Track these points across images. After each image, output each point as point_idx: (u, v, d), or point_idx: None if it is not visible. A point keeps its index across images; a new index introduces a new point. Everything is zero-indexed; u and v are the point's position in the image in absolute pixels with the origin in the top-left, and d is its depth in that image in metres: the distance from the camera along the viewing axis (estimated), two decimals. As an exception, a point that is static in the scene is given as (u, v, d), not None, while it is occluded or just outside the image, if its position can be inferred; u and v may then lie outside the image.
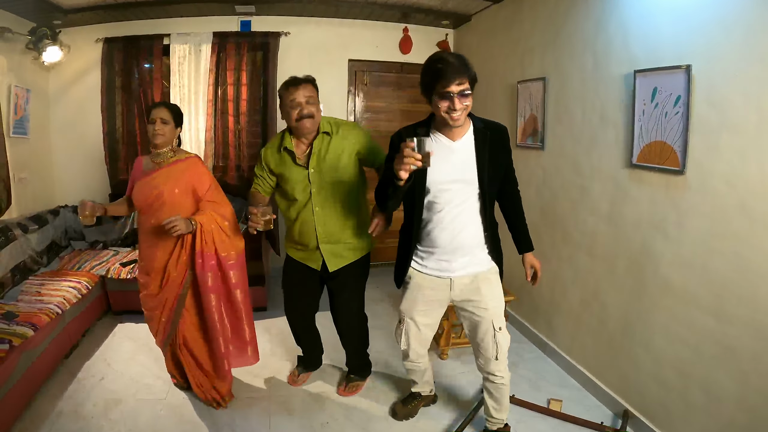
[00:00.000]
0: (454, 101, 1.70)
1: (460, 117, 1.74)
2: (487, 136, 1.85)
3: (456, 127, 1.79)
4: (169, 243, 2.32)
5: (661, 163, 2.12)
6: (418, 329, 2.11)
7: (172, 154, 2.37)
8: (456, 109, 1.71)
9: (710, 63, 1.88)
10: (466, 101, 1.72)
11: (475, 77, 1.75)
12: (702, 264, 1.97)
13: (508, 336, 2.03)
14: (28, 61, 3.51)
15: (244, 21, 3.95)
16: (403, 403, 2.46)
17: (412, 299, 2.05)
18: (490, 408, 2.19)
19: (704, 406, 1.97)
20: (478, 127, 1.87)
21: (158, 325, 2.44)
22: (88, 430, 2.30)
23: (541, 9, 3.04)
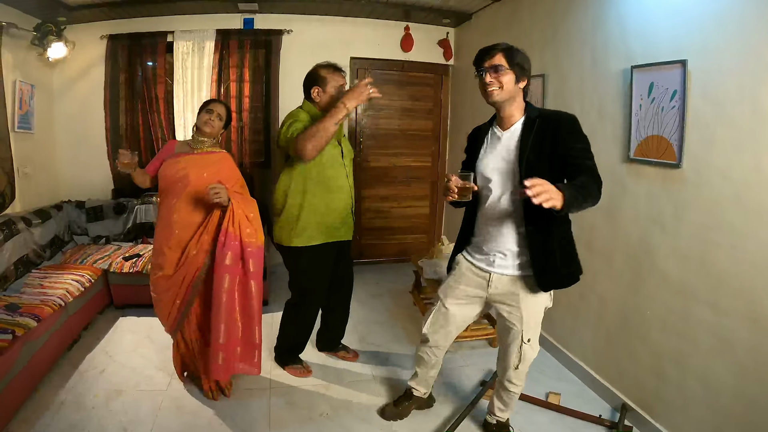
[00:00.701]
0: (485, 77, 1.75)
1: (492, 92, 1.75)
2: (535, 124, 1.77)
3: (494, 103, 1.80)
4: (193, 223, 2.39)
5: (658, 157, 2.15)
6: (446, 317, 2.07)
7: (210, 146, 2.50)
8: (486, 83, 1.75)
9: (706, 58, 1.91)
10: (500, 77, 1.73)
11: (516, 59, 1.74)
12: (699, 256, 1.99)
13: (536, 350, 1.99)
14: (32, 57, 3.54)
15: (247, 18, 4.00)
16: (395, 404, 2.39)
17: (452, 283, 2.05)
18: (495, 407, 2.20)
19: (702, 397, 1.99)
20: (530, 116, 1.81)
21: (170, 308, 2.44)
22: (90, 420, 2.31)
23: (540, 7, 3.08)
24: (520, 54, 1.77)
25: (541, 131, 1.75)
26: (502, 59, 1.73)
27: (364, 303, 3.74)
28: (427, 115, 4.64)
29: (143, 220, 3.89)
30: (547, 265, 1.82)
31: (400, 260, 4.77)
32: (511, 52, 1.74)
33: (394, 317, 3.59)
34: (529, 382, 2.62)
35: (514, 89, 1.76)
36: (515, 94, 1.78)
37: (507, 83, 1.74)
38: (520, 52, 1.77)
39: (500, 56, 1.73)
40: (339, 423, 2.35)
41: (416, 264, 3.51)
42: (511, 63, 1.73)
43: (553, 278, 1.85)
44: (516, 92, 1.78)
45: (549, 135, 1.74)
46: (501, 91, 1.75)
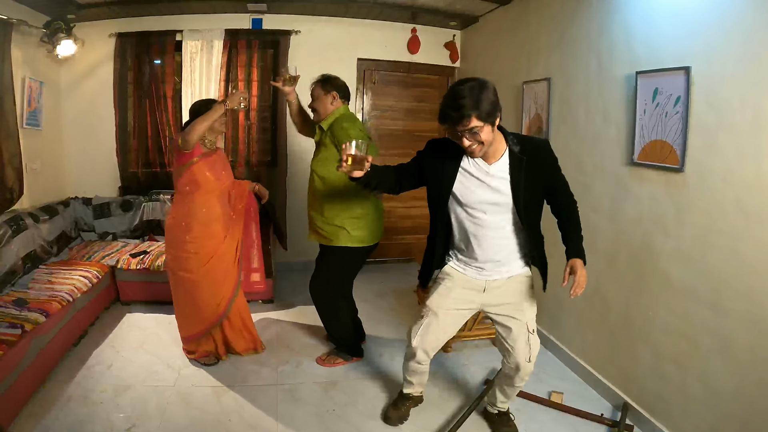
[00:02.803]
0: (462, 140, 1.74)
1: (475, 151, 1.76)
2: (523, 162, 1.83)
3: (477, 156, 1.81)
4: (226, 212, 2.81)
5: (661, 161, 2.22)
6: (438, 326, 2.09)
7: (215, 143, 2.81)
8: (466, 146, 1.75)
9: (709, 65, 1.97)
10: (478, 137, 1.71)
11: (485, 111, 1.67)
12: (700, 259, 2.05)
13: (538, 340, 2.07)
14: (41, 54, 3.60)
15: (255, 19, 4.06)
16: (395, 408, 2.42)
17: (444, 294, 2.05)
18: (497, 399, 2.27)
19: (702, 397, 2.04)
20: (513, 150, 1.84)
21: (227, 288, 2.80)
22: (97, 415, 2.36)
23: (547, 11, 3.14)
24: (486, 99, 1.68)
25: (530, 167, 1.83)
26: (475, 121, 1.67)
27: (369, 302, 3.80)
28: (432, 116, 4.67)
29: (150, 218, 3.95)
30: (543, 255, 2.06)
31: (404, 260, 4.87)
32: (479, 107, 1.66)
33: (398, 316, 3.66)
34: (532, 382, 2.68)
35: (492, 136, 1.76)
36: (494, 138, 1.78)
37: (486, 138, 1.73)
38: (485, 98, 1.68)
39: (474, 119, 1.67)
40: (346, 419, 2.41)
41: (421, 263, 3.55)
42: (483, 118, 1.68)
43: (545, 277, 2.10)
44: (494, 137, 1.78)
45: (537, 168, 1.84)
46: (482, 146, 1.75)
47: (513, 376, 2.10)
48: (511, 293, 2.02)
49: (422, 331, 2.10)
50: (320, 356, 2.96)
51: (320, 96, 2.62)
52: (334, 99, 2.61)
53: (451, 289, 2.04)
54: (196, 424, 2.34)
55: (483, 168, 1.86)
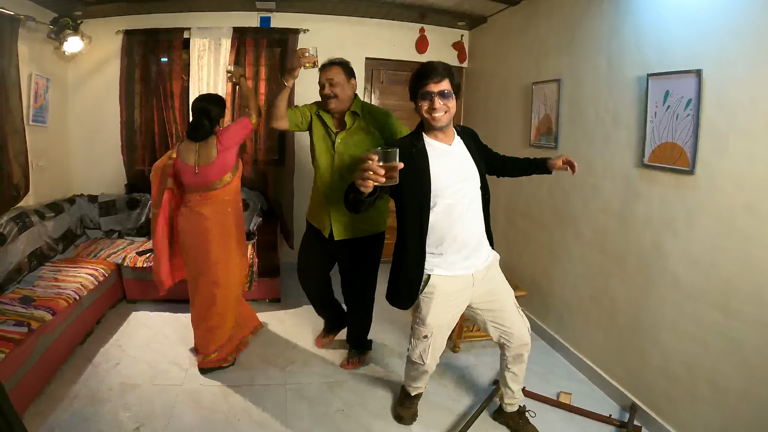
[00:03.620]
0: (433, 100, 1.85)
1: (441, 117, 1.88)
2: (469, 136, 2.12)
3: (439, 127, 1.92)
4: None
5: (671, 164, 2.26)
6: (442, 339, 2.16)
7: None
8: (435, 108, 1.85)
9: (720, 68, 2.02)
10: (448, 102, 1.86)
11: (455, 82, 1.90)
12: (710, 261, 2.10)
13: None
14: (48, 51, 3.66)
15: (263, 17, 4.11)
16: (405, 407, 2.46)
17: (440, 310, 2.07)
18: (512, 389, 2.33)
19: (710, 398, 2.09)
20: (458, 130, 2.08)
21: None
22: (104, 414, 2.39)
23: (557, 12, 3.19)
24: (456, 75, 1.93)
25: (473, 141, 2.11)
26: (447, 84, 1.84)
27: (377, 301, 3.71)
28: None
29: (157, 215, 3.98)
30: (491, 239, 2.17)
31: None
32: (452, 76, 1.88)
33: (407, 316, 3.61)
34: (540, 382, 2.76)
35: (455, 110, 1.93)
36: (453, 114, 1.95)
37: (452, 107, 1.90)
38: (455, 74, 1.92)
39: (447, 82, 1.84)
40: (355, 419, 2.45)
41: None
42: (453, 86, 1.87)
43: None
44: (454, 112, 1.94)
45: (477, 143, 2.14)
46: (447, 115, 1.90)
47: (522, 354, 2.24)
48: (492, 279, 2.15)
49: (431, 350, 2.16)
50: (343, 363, 2.94)
51: (343, 82, 2.52)
52: (355, 85, 2.60)
53: (445, 301, 2.06)
54: (204, 423, 2.37)
55: (444, 149, 1.98)
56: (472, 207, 2.02)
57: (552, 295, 3.23)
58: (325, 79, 2.52)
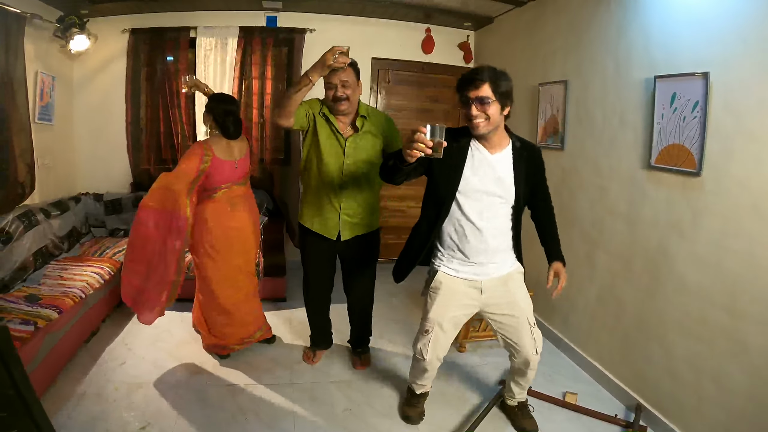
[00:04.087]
0: (471, 107, 1.85)
1: (479, 124, 1.86)
2: (523, 155, 2.00)
3: (478, 135, 1.92)
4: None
5: (678, 165, 2.30)
6: (444, 337, 2.19)
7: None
8: (473, 115, 1.85)
9: (727, 71, 2.06)
10: (486, 109, 1.83)
11: (501, 89, 1.83)
12: (716, 262, 2.14)
13: (539, 332, 2.22)
14: (54, 49, 3.69)
15: (270, 17, 4.16)
16: (412, 406, 2.50)
17: (443, 305, 2.13)
18: (515, 393, 2.40)
19: (716, 399, 2.12)
20: (515, 145, 2.00)
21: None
22: (111, 413, 2.40)
23: (564, 13, 3.24)
24: (505, 81, 1.85)
25: (528, 162, 2.01)
26: (488, 90, 1.81)
27: (381, 301, 3.81)
28: (445, 116, 4.81)
29: (162, 214, 4.03)
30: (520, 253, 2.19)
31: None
32: (497, 81, 1.82)
33: (411, 315, 3.75)
34: (546, 382, 2.79)
35: (500, 119, 1.89)
36: (500, 123, 1.91)
37: (493, 114, 1.85)
38: (504, 79, 1.85)
39: (486, 87, 1.81)
40: (362, 419, 2.48)
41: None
42: (496, 93, 1.82)
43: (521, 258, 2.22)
44: (501, 121, 1.91)
45: (533, 165, 2.04)
46: (487, 123, 1.86)
47: (525, 370, 2.25)
48: (507, 292, 2.13)
49: (432, 345, 2.20)
50: (356, 364, 2.96)
51: (354, 84, 2.50)
52: (361, 88, 2.60)
53: (450, 298, 2.12)
54: (211, 422, 2.38)
55: (487, 157, 1.98)
56: (496, 221, 2.04)
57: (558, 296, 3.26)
58: (338, 80, 2.43)
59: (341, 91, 2.44)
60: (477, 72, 1.85)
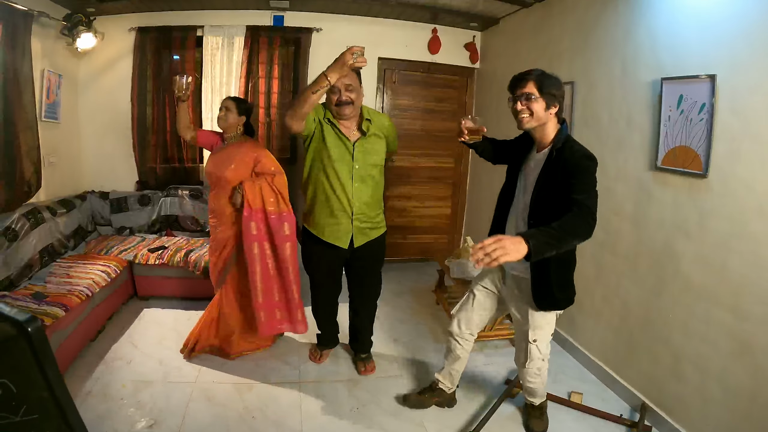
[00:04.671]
0: (516, 103, 2.00)
1: (524, 120, 2.00)
2: (552, 156, 1.98)
3: (524, 129, 2.05)
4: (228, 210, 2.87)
5: (684, 167, 2.35)
6: (472, 305, 2.38)
7: (236, 139, 2.92)
8: (518, 110, 2.00)
9: (734, 73, 2.10)
10: (531, 105, 1.96)
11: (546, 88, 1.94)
12: (721, 263, 2.18)
13: (544, 353, 2.24)
14: (60, 47, 3.72)
15: (277, 16, 4.20)
16: (419, 393, 2.62)
17: (480, 275, 2.42)
18: (527, 396, 2.48)
19: (721, 399, 2.16)
20: (556, 147, 1.98)
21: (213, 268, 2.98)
22: (117, 411, 2.44)
23: (571, 15, 3.28)
24: (552, 81, 1.97)
25: (553, 166, 1.97)
26: (533, 87, 1.95)
27: (387, 301, 3.92)
28: (451, 116, 4.84)
29: (168, 213, 4.09)
30: (543, 289, 2.07)
31: (421, 259, 5.04)
32: (542, 80, 1.95)
33: (417, 315, 3.79)
34: (551, 382, 2.81)
35: (545, 116, 1.98)
36: (546, 120, 2.00)
37: (537, 110, 1.96)
38: (551, 79, 1.97)
39: (531, 84, 1.95)
40: (369, 418, 2.51)
41: (442, 264, 3.70)
42: (541, 91, 1.94)
43: (550, 301, 2.10)
44: (546, 118, 1.99)
45: (558, 172, 1.94)
46: (531, 118, 1.98)
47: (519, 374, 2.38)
48: (519, 296, 2.20)
49: (461, 304, 2.44)
50: (360, 370, 2.94)
51: (358, 88, 2.48)
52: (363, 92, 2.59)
53: (484, 273, 2.38)
54: (219, 421, 2.42)
55: (533, 155, 2.13)
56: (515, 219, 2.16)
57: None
58: (342, 84, 2.40)
59: (345, 95, 2.43)
60: (526, 71, 2.00)
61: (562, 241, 1.71)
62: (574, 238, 1.76)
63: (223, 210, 2.86)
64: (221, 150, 2.89)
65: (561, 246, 1.71)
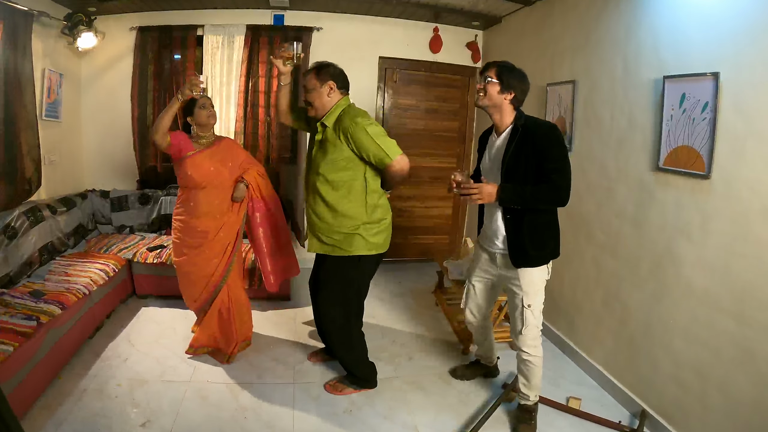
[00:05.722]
0: (479, 83, 2.23)
1: (479, 97, 2.22)
2: (518, 133, 2.19)
3: (480, 107, 2.27)
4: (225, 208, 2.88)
5: (687, 168, 2.27)
6: (475, 293, 2.57)
7: (215, 136, 2.90)
8: (477, 89, 2.22)
9: (738, 71, 2.02)
10: (487, 86, 2.18)
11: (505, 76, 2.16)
12: (724, 267, 2.10)
13: (537, 317, 2.34)
14: (62, 46, 3.72)
15: (277, 15, 4.16)
16: (466, 366, 2.91)
17: (473, 265, 2.58)
18: (520, 384, 2.44)
19: (722, 407, 2.09)
20: (517, 124, 2.20)
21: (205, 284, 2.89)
22: (112, 409, 2.42)
23: (572, 13, 3.20)
24: (514, 73, 2.18)
25: (522, 140, 2.17)
26: (492, 73, 2.18)
27: (386, 302, 3.89)
28: (453, 116, 4.79)
29: (168, 212, 4.06)
30: (517, 247, 2.26)
31: (422, 260, 4.96)
32: (503, 69, 2.18)
33: (416, 317, 3.73)
34: (550, 386, 2.76)
35: (498, 98, 2.19)
36: (499, 103, 2.20)
37: (491, 92, 2.18)
38: (514, 72, 2.19)
39: (493, 70, 2.19)
40: (362, 420, 2.47)
41: (441, 264, 3.65)
42: (499, 77, 2.16)
43: (523, 258, 2.27)
44: (499, 101, 2.19)
45: (528, 144, 2.15)
46: (483, 97, 2.21)
47: (517, 351, 2.42)
48: (506, 266, 2.35)
49: (465, 296, 2.64)
50: (329, 382, 2.75)
51: (315, 87, 2.32)
52: (331, 90, 2.33)
53: (476, 262, 2.53)
54: (211, 420, 2.40)
55: (493, 138, 2.34)
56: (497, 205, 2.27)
57: (563, 299, 3.24)
58: (303, 86, 2.40)
59: (306, 96, 2.38)
60: (494, 60, 2.25)
61: (528, 201, 2.14)
62: (539, 202, 2.15)
63: (218, 209, 2.84)
64: (206, 149, 2.79)
65: (526, 203, 2.15)
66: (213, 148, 2.82)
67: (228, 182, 2.84)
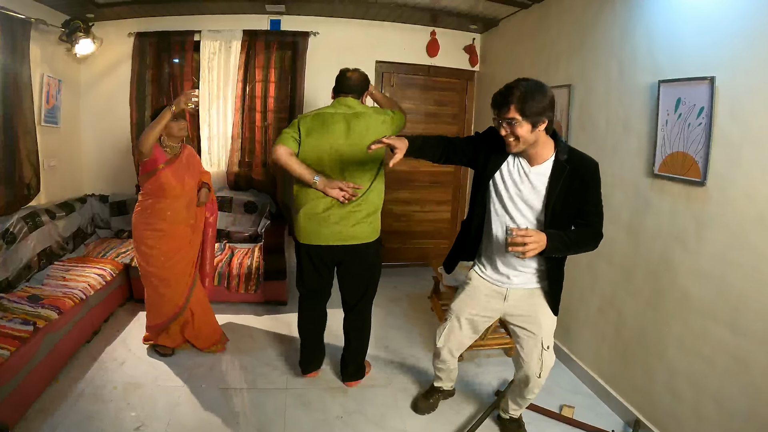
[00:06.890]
0: (501, 129, 1.81)
1: (511, 144, 1.82)
2: (565, 170, 1.85)
3: (513, 152, 1.87)
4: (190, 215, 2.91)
5: (682, 174, 2.20)
6: (461, 331, 2.22)
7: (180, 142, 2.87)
8: (503, 136, 1.82)
9: (734, 76, 1.95)
10: (515, 129, 1.76)
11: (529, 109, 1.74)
12: (720, 276, 2.03)
13: (553, 357, 2.12)
14: (60, 52, 3.70)
15: (274, 20, 4.12)
16: (425, 397, 2.60)
17: (466, 299, 2.18)
18: (509, 407, 2.34)
19: (715, 419, 2.03)
20: (560, 158, 1.86)
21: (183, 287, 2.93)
22: (107, 412, 2.42)
23: (568, 16, 3.13)
24: (536, 99, 1.75)
25: (569, 179, 1.84)
26: (515, 113, 1.74)
27: (382, 307, 3.82)
28: (451, 119, 4.73)
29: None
30: (557, 295, 2.07)
31: (420, 265, 4.89)
32: (524, 103, 1.73)
33: (411, 322, 3.69)
34: (543, 394, 2.67)
35: (532, 137, 1.79)
36: (534, 140, 1.82)
37: (523, 134, 1.78)
38: (535, 97, 1.74)
39: (513, 109, 1.74)
40: (353, 427, 2.43)
41: (436, 269, 3.59)
42: (524, 114, 1.74)
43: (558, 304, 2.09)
44: (535, 138, 1.81)
45: (576, 184, 1.85)
46: (518, 142, 1.80)
47: (523, 389, 2.18)
48: (530, 306, 2.07)
49: (446, 334, 2.26)
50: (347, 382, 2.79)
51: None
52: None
53: (473, 297, 2.15)
54: (203, 425, 2.38)
55: (525, 168, 1.91)
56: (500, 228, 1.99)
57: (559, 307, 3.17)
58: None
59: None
60: (506, 94, 1.77)
61: (572, 249, 1.86)
62: (580, 249, 1.91)
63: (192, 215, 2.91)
64: (176, 159, 2.78)
65: (569, 253, 1.89)
66: (181, 157, 2.81)
67: (195, 189, 2.91)
